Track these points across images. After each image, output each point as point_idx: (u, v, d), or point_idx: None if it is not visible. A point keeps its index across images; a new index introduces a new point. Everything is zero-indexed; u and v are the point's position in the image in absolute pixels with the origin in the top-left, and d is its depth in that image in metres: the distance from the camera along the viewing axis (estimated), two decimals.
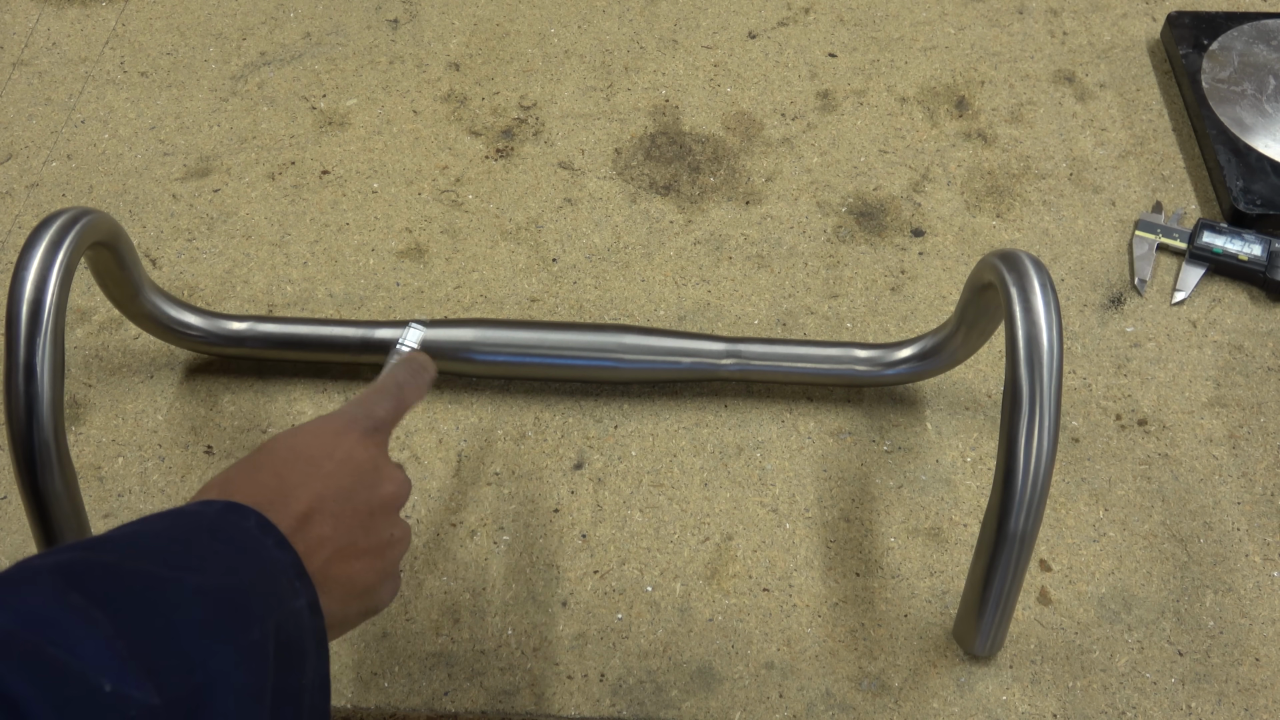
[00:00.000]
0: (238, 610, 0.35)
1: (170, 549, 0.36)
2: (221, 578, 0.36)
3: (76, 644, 0.31)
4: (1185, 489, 0.62)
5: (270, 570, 0.38)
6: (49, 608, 0.31)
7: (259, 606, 0.36)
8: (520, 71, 0.86)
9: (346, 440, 0.45)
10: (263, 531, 0.39)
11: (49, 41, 0.88)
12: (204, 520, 0.39)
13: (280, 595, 0.38)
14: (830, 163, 0.79)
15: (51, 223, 0.52)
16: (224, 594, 0.35)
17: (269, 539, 0.39)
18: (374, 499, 0.45)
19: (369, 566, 0.44)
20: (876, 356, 0.63)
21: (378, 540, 0.45)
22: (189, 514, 0.39)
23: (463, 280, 0.72)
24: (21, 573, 0.33)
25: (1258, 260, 0.71)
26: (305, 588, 0.39)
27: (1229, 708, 0.54)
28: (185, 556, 0.36)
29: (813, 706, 0.54)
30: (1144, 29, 0.88)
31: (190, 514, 0.39)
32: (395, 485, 0.46)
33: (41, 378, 0.50)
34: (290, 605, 0.38)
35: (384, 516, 0.45)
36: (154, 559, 0.35)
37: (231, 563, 0.37)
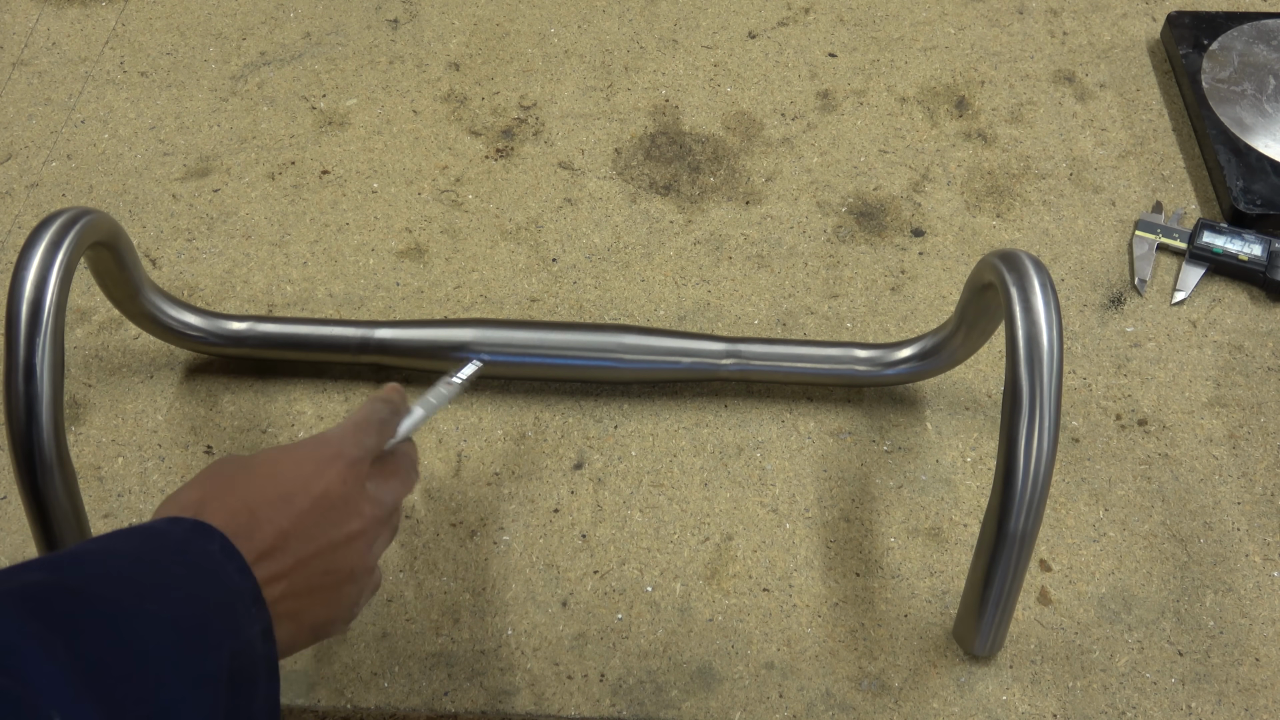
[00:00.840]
0: (196, 640, 0.37)
1: (136, 571, 0.37)
2: (182, 606, 0.37)
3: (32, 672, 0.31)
4: (1185, 489, 0.62)
5: (229, 596, 0.39)
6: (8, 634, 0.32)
7: (216, 635, 0.38)
8: (520, 71, 0.86)
9: (327, 474, 0.46)
10: (226, 556, 0.40)
11: (49, 41, 0.88)
12: (171, 541, 0.40)
13: (237, 622, 0.39)
14: (830, 163, 0.79)
15: (51, 223, 0.52)
16: (184, 623, 0.37)
17: (231, 565, 0.40)
18: (339, 535, 0.45)
19: (323, 603, 0.45)
20: (876, 356, 0.63)
21: (336, 578, 0.46)
22: (157, 533, 0.40)
23: (463, 280, 0.72)
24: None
25: (1258, 260, 0.71)
26: (261, 614, 0.40)
27: (1229, 708, 0.54)
28: (150, 579, 0.37)
29: (813, 706, 0.54)
30: (1144, 29, 0.88)
31: (158, 534, 0.40)
32: (362, 522, 0.47)
33: (41, 378, 0.50)
34: (246, 634, 0.39)
35: (347, 550, 0.46)
36: (118, 584, 0.36)
37: (193, 588, 0.38)
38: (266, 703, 0.40)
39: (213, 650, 0.37)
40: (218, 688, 0.37)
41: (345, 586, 0.46)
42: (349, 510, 0.46)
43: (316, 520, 0.45)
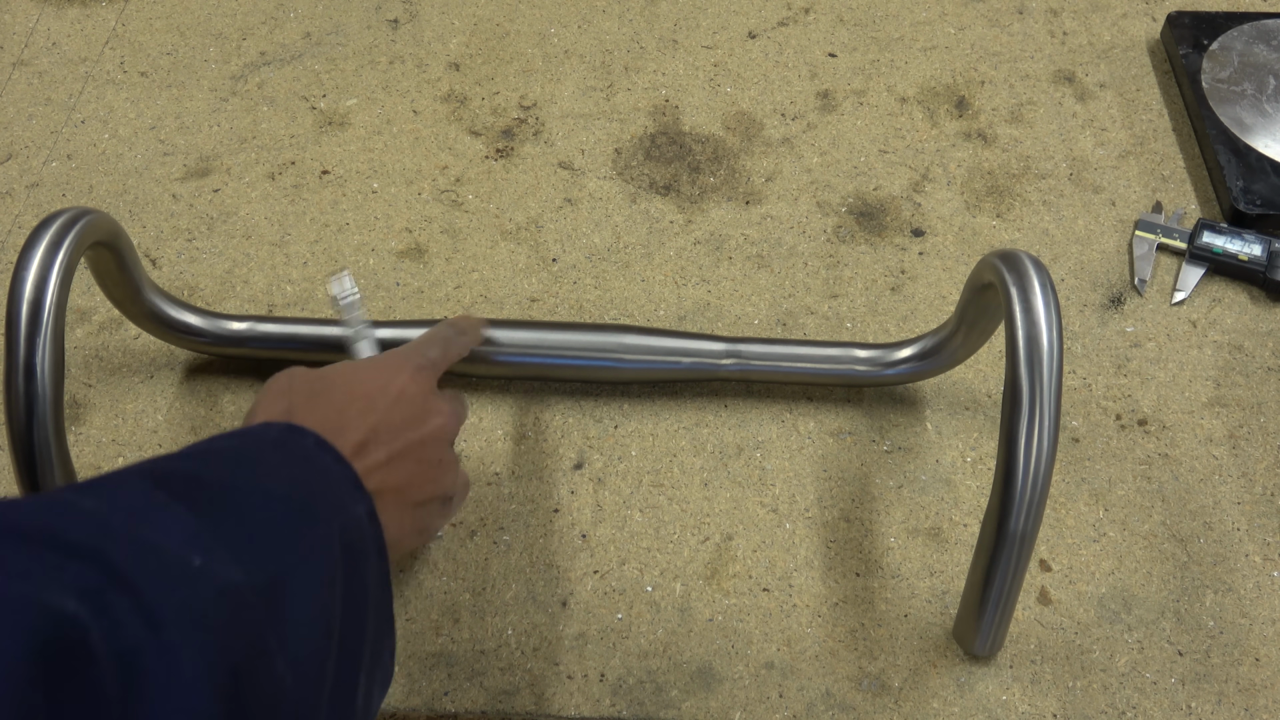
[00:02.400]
0: (305, 512, 0.38)
1: (241, 460, 0.40)
2: (288, 485, 0.39)
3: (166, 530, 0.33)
4: (1185, 489, 0.62)
5: (331, 480, 0.41)
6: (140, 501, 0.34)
7: (324, 509, 0.39)
8: (520, 71, 0.86)
9: (399, 377, 0.49)
10: (321, 449, 0.43)
11: (49, 41, 0.88)
12: (267, 438, 0.42)
13: (341, 502, 0.41)
14: (830, 163, 0.79)
15: (51, 223, 0.52)
16: (292, 498, 0.38)
17: (327, 455, 0.42)
18: (423, 431, 0.49)
19: (419, 487, 0.48)
20: (876, 356, 0.63)
21: (427, 466, 0.48)
22: (253, 434, 0.42)
23: (463, 280, 0.72)
24: (114, 475, 0.36)
25: (1258, 260, 0.71)
26: (363, 498, 0.42)
27: (1229, 708, 0.54)
28: (256, 466, 0.39)
29: (813, 706, 0.55)
30: (1144, 29, 0.88)
31: (254, 434, 0.42)
32: (443, 418, 0.50)
33: (41, 378, 0.50)
34: (351, 512, 0.41)
35: (434, 446, 0.49)
36: (228, 468, 0.39)
37: (295, 472, 0.40)
38: (379, 579, 0.41)
39: (323, 522, 0.39)
40: (333, 556, 0.38)
41: (437, 481, 0.49)
42: (426, 408, 0.49)
43: (399, 417, 0.48)
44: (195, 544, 0.33)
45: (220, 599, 0.33)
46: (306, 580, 0.36)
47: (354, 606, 0.39)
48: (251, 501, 0.37)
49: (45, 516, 0.31)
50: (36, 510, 0.32)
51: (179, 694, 0.29)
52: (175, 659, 0.30)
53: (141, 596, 0.30)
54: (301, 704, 0.35)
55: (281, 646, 0.34)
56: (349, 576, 0.39)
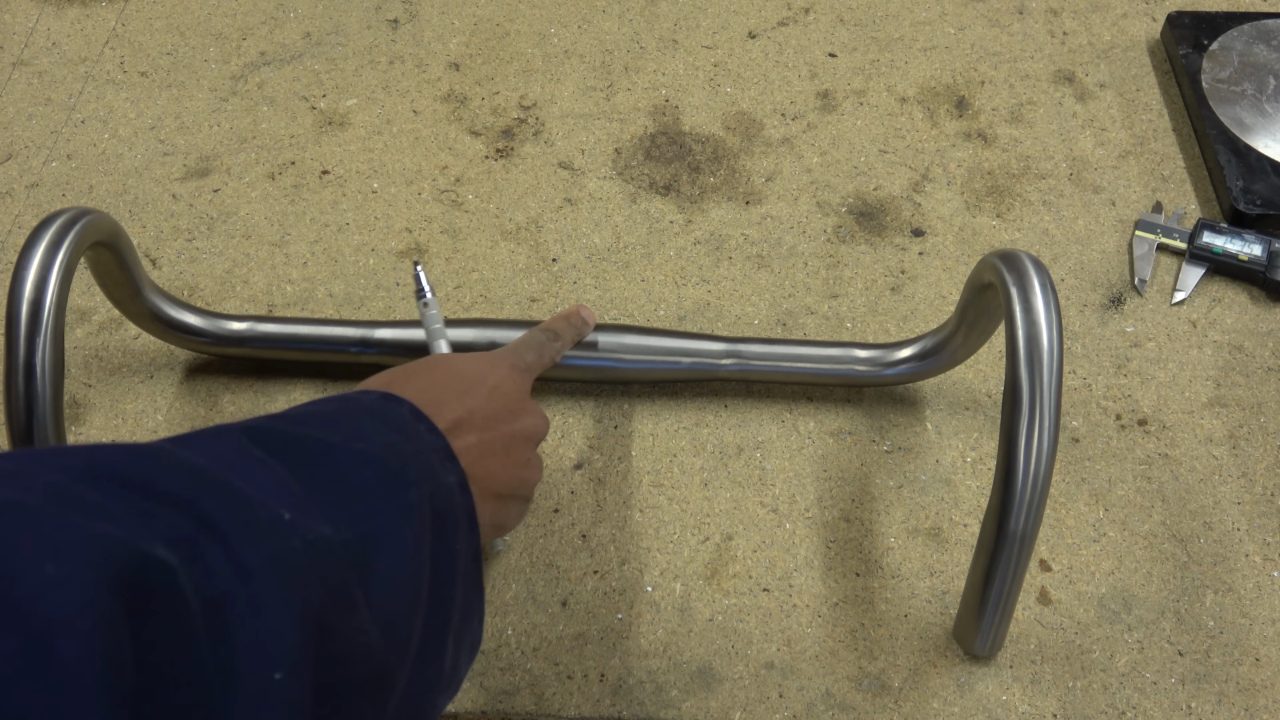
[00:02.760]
0: (397, 475, 0.39)
1: (337, 423, 0.40)
2: (381, 448, 0.39)
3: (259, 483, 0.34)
4: (1185, 489, 0.62)
5: (423, 449, 0.42)
6: (235, 455, 0.35)
7: (415, 474, 0.40)
8: (520, 71, 0.86)
9: (498, 371, 0.50)
10: (416, 419, 0.43)
11: (49, 41, 0.88)
12: (364, 403, 0.43)
13: (433, 470, 0.41)
14: (830, 163, 0.79)
15: (51, 223, 0.52)
16: (385, 461, 0.39)
17: (421, 425, 0.43)
18: (516, 427, 0.49)
19: (506, 479, 0.48)
20: (876, 356, 0.63)
21: (515, 460, 0.49)
22: (351, 399, 0.43)
23: (463, 280, 0.72)
24: (211, 430, 0.37)
25: (1258, 260, 0.71)
26: (455, 468, 0.42)
27: (1229, 708, 0.54)
28: (350, 429, 0.40)
29: (813, 706, 0.54)
30: (1144, 29, 0.88)
31: (352, 399, 0.43)
32: (535, 419, 0.51)
33: (41, 378, 0.50)
34: (442, 480, 0.41)
35: (523, 444, 0.50)
36: (324, 427, 0.39)
37: (389, 438, 0.41)
38: (469, 548, 0.42)
39: (414, 486, 0.39)
40: (422, 520, 0.39)
41: (521, 478, 0.49)
42: (519, 406, 0.50)
43: (494, 408, 0.48)
44: (286, 499, 0.34)
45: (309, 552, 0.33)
46: (394, 542, 0.37)
47: (442, 572, 0.39)
48: (344, 462, 0.38)
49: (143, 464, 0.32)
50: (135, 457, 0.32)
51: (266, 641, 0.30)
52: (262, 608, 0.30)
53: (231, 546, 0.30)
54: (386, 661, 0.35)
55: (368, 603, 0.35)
56: (437, 542, 0.39)
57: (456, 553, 0.41)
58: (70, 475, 0.30)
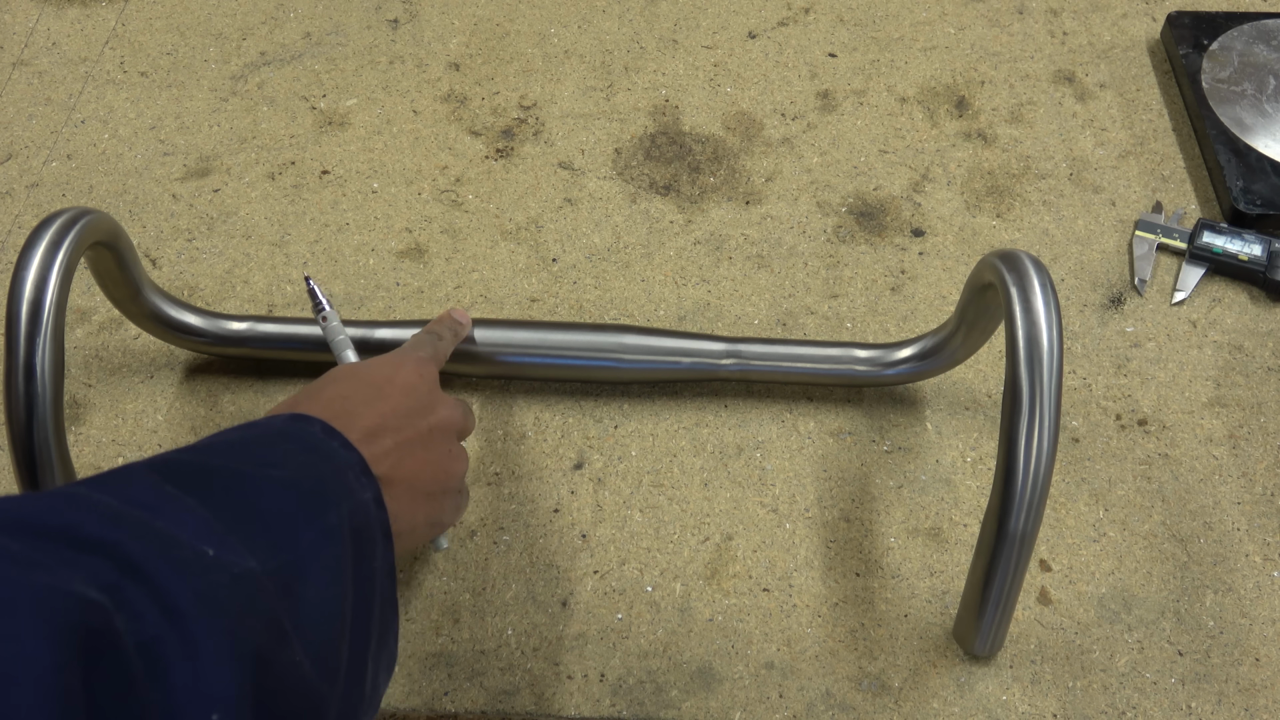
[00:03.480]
0: (315, 499, 0.38)
1: (248, 450, 0.40)
2: (296, 472, 0.39)
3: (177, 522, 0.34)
4: (1185, 489, 0.62)
5: (338, 466, 0.42)
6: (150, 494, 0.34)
7: (333, 495, 0.39)
8: (520, 71, 0.86)
9: (404, 369, 0.50)
10: (328, 435, 0.43)
11: (49, 41, 0.88)
12: (274, 427, 0.43)
13: (349, 487, 0.41)
14: (830, 163, 0.79)
15: (51, 223, 0.52)
16: (301, 485, 0.39)
17: (334, 441, 0.43)
18: (432, 421, 0.49)
19: (430, 476, 0.48)
20: (876, 356, 0.63)
21: (438, 455, 0.48)
22: (259, 425, 0.43)
23: (463, 280, 0.72)
24: (121, 471, 0.36)
25: (1258, 260, 0.71)
26: (370, 483, 0.42)
27: (1229, 708, 0.54)
28: (262, 455, 0.40)
29: (813, 706, 0.54)
30: (1144, 29, 0.88)
31: (260, 425, 0.43)
32: (449, 410, 0.51)
33: (41, 378, 0.50)
34: (359, 497, 0.41)
35: (442, 436, 0.49)
36: (235, 458, 0.39)
37: (302, 460, 0.40)
38: (385, 565, 0.42)
39: (332, 507, 0.39)
40: (343, 541, 0.38)
41: (448, 472, 0.49)
42: (431, 400, 0.50)
43: (406, 408, 0.48)
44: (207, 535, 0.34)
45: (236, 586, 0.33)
46: (318, 567, 0.37)
47: (363, 592, 0.39)
48: (260, 490, 0.37)
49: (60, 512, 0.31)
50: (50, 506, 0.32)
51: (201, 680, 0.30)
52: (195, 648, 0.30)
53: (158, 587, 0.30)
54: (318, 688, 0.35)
55: (298, 631, 0.35)
56: (358, 562, 0.39)
57: (374, 570, 0.40)
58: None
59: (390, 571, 0.42)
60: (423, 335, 0.58)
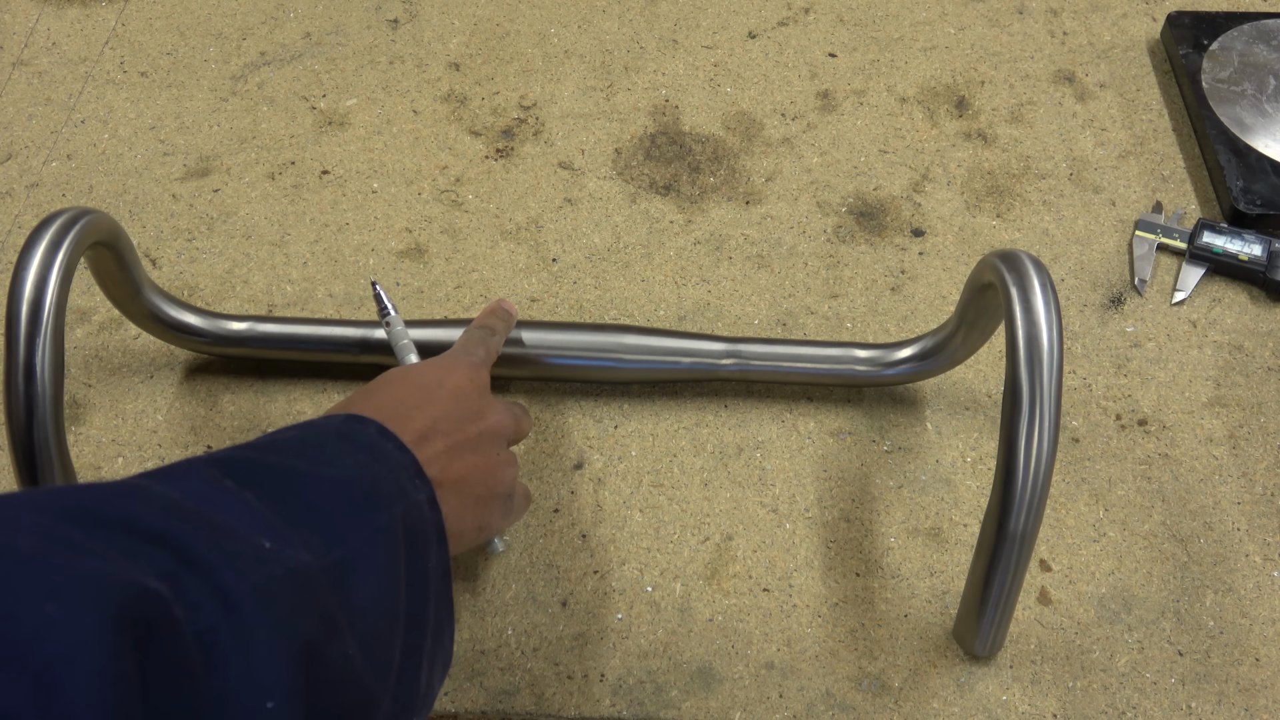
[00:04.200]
0: (369, 497, 0.39)
1: (305, 449, 0.41)
2: (351, 471, 0.40)
3: (235, 515, 0.34)
4: (1185, 489, 0.62)
5: (393, 467, 0.42)
6: (208, 488, 0.35)
7: (387, 495, 0.40)
8: (520, 71, 0.86)
9: (455, 374, 0.50)
10: (383, 437, 0.43)
11: (49, 41, 0.88)
12: (330, 427, 0.43)
13: (403, 488, 0.41)
14: (830, 163, 0.79)
15: (51, 223, 0.52)
16: (356, 483, 0.39)
17: (389, 443, 0.43)
18: (482, 425, 0.49)
19: (479, 480, 0.48)
20: (876, 356, 0.63)
21: (487, 459, 0.49)
22: (316, 424, 0.43)
23: (463, 280, 0.72)
24: (181, 465, 0.37)
25: (1258, 260, 0.71)
26: (424, 485, 0.43)
27: (1229, 708, 0.54)
28: (319, 454, 0.40)
29: (813, 706, 0.54)
30: (1144, 29, 0.88)
31: (317, 424, 0.43)
32: (499, 416, 0.51)
33: (41, 378, 0.50)
34: (413, 498, 0.41)
35: (492, 441, 0.50)
36: (293, 455, 0.40)
37: (358, 459, 0.41)
38: (440, 565, 0.42)
39: (385, 507, 0.39)
40: (396, 540, 0.39)
41: (497, 476, 0.49)
42: (481, 404, 0.50)
43: (457, 411, 0.48)
44: (263, 528, 0.34)
45: (291, 579, 0.33)
46: (371, 564, 0.37)
47: (416, 591, 0.40)
48: (315, 488, 0.38)
49: (120, 501, 0.32)
50: (111, 495, 0.32)
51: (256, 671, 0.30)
52: (250, 637, 0.31)
53: (214, 579, 0.31)
54: (370, 684, 0.36)
55: (350, 626, 0.35)
56: (411, 561, 0.40)
57: (429, 571, 0.41)
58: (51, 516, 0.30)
59: (445, 572, 0.42)
60: (474, 332, 0.57)
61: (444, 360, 0.52)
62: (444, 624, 0.42)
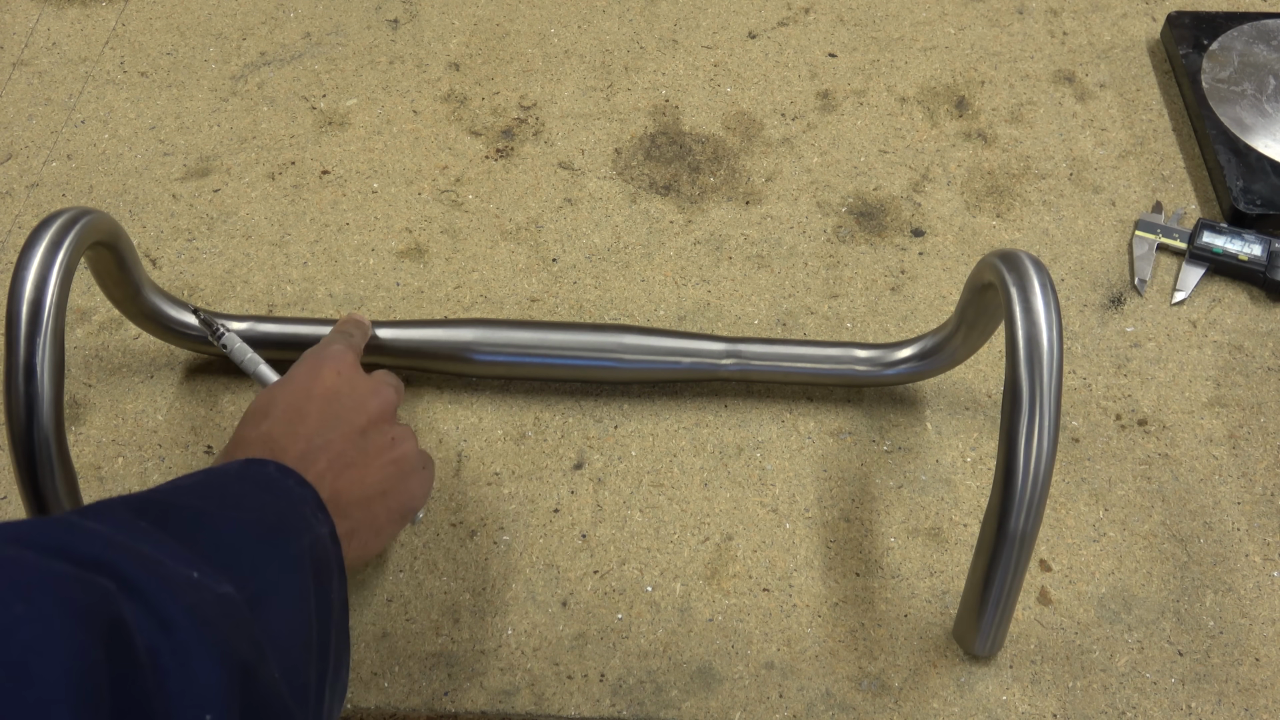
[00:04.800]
0: (276, 531, 0.41)
1: (208, 493, 0.42)
2: (257, 511, 0.41)
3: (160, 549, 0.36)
4: (1185, 489, 0.62)
5: (294, 502, 0.43)
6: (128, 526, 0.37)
7: (293, 529, 0.42)
8: (520, 71, 0.86)
9: (320, 376, 0.51)
10: (282, 474, 0.44)
11: (49, 41, 0.88)
12: (230, 471, 0.44)
13: (307, 521, 0.43)
14: (830, 163, 0.79)
15: (51, 223, 0.52)
16: (261, 521, 0.41)
17: (289, 480, 0.44)
18: (359, 419, 0.50)
19: (377, 477, 0.49)
20: (876, 356, 0.63)
21: (377, 450, 0.49)
22: (216, 470, 0.44)
23: (463, 280, 0.72)
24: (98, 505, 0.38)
25: (1258, 260, 0.71)
26: (325, 518, 0.44)
27: (1229, 708, 0.54)
28: (222, 497, 0.42)
29: (813, 706, 0.54)
30: (1144, 29, 0.88)
31: (217, 470, 0.45)
32: (376, 398, 0.51)
33: (42, 378, 0.50)
34: (316, 531, 0.43)
35: (378, 427, 0.50)
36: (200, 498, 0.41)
37: (262, 499, 0.42)
38: (340, 597, 0.43)
39: (293, 540, 0.41)
40: (305, 573, 0.40)
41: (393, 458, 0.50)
42: (355, 397, 0.50)
43: (331, 416, 0.49)
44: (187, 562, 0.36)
45: (220, 604, 0.35)
46: (284, 594, 0.39)
47: (324, 621, 0.41)
48: (224, 526, 0.39)
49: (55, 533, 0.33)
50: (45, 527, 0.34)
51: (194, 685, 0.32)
52: (188, 656, 0.32)
53: (151, 602, 0.32)
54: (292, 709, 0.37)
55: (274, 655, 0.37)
56: (319, 592, 0.41)
57: (332, 602, 0.42)
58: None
59: (344, 604, 0.44)
60: (331, 334, 0.59)
61: (306, 365, 0.52)
62: (343, 655, 0.44)
